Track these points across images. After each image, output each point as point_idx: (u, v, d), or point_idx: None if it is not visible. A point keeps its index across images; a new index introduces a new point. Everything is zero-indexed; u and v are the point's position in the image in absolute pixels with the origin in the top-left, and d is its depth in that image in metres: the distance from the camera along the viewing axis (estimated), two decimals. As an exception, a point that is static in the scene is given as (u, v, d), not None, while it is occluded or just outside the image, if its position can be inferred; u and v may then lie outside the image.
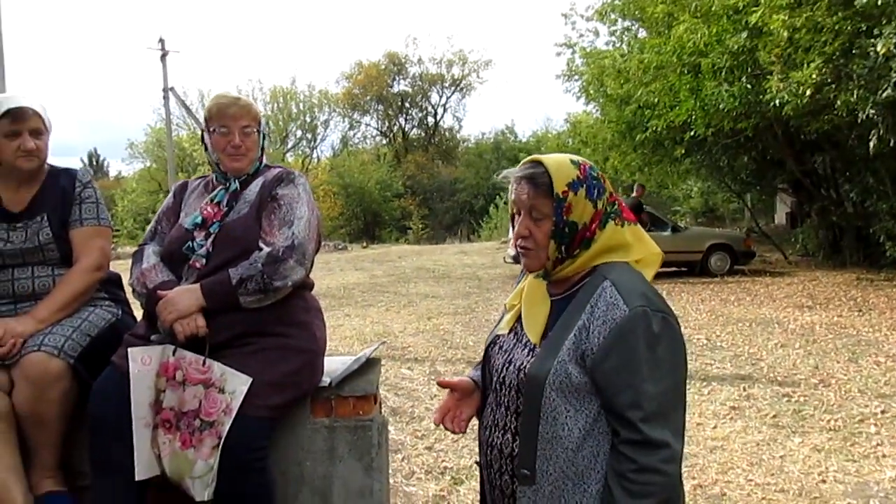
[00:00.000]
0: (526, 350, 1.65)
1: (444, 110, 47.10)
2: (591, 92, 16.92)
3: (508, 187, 1.67)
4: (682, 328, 1.62)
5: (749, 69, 11.50)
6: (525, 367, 1.60)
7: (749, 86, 11.28)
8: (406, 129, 47.41)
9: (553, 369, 1.54)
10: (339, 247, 26.49)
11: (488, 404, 1.75)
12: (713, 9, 11.12)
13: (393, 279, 15.04)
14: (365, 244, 29.28)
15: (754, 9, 10.01)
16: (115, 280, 2.68)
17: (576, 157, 1.66)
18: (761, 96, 10.77)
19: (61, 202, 2.51)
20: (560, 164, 1.61)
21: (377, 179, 36.53)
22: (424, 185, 39.62)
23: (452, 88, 46.13)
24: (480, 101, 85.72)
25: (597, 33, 17.28)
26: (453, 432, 1.85)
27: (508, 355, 1.69)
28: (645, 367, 1.48)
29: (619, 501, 1.47)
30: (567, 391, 1.54)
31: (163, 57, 27.02)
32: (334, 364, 2.60)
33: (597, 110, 18.73)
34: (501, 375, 1.69)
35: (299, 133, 44.48)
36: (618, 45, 16.39)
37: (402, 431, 5.09)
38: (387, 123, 47.60)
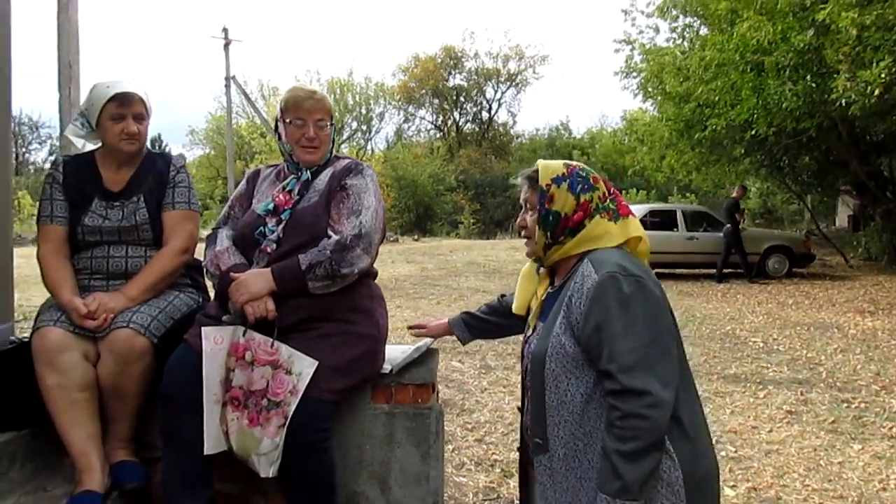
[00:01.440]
0: (534, 338, 1.88)
1: (499, 105, 46.97)
2: (650, 89, 16.67)
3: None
4: (738, 330, 1.69)
5: (814, 68, 11.21)
6: (531, 350, 1.84)
7: (814, 85, 11.01)
8: (460, 123, 47.41)
9: (550, 343, 1.75)
10: (391, 239, 26.66)
11: (522, 393, 2.01)
12: (779, 6, 10.88)
13: (444, 273, 15.10)
14: (416, 237, 29.41)
15: (822, 6, 9.76)
16: (198, 267, 2.77)
17: (574, 163, 1.90)
18: (826, 95, 10.51)
19: (157, 185, 2.62)
20: (551, 163, 1.87)
21: (430, 173, 36.60)
22: (477, 179, 39.53)
23: (508, 83, 45.97)
24: (535, 97, 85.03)
25: (657, 30, 17.01)
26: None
27: (528, 350, 1.92)
28: (618, 324, 1.64)
29: (610, 446, 1.62)
30: (565, 361, 1.73)
31: (226, 46, 27.46)
32: (394, 352, 2.66)
33: (654, 108, 18.45)
34: (525, 365, 1.92)
35: (354, 125, 44.83)
36: (678, 42, 16.10)
37: (453, 423, 5.13)
38: (441, 117, 47.67)
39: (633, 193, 30.89)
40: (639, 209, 15.66)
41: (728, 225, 13.87)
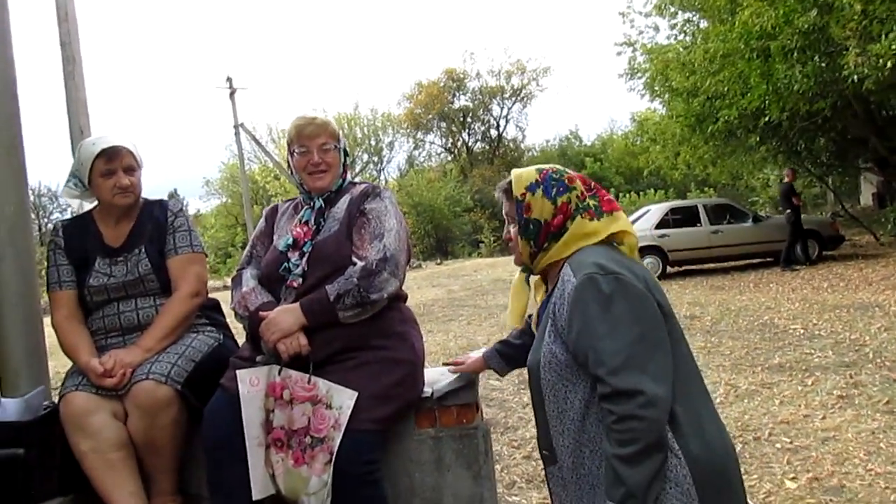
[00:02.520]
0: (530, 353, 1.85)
1: (507, 121, 47.03)
2: (656, 88, 16.62)
3: None
4: (776, 319, 1.63)
5: (822, 47, 11.11)
6: (527, 363, 1.83)
7: (823, 64, 10.92)
8: (470, 143, 47.53)
9: (543, 353, 1.74)
10: (414, 265, 26.66)
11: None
12: (778, -11, 10.80)
13: (471, 293, 15.04)
14: (439, 261, 29.40)
15: (822, -15, 9.69)
16: (214, 305, 2.75)
17: (548, 166, 1.88)
18: (837, 74, 10.40)
19: (156, 233, 2.60)
20: (523, 172, 1.85)
21: (445, 195, 36.68)
22: (492, 197, 39.45)
23: (513, 99, 46.07)
24: (542, 109, 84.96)
25: (657, 28, 17.00)
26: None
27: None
28: (601, 326, 1.60)
29: (609, 452, 1.58)
30: (559, 369, 1.71)
31: (231, 95, 27.87)
32: (433, 375, 2.61)
33: (663, 106, 18.38)
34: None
35: (365, 157, 45.11)
36: (680, 37, 16.08)
37: (498, 442, 5.05)
38: (450, 140, 47.84)
39: (651, 194, 30.70)
40: (659, 208, 15.55)
41: (788, 210, 13.67)
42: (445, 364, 2.55)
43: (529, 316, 2.09)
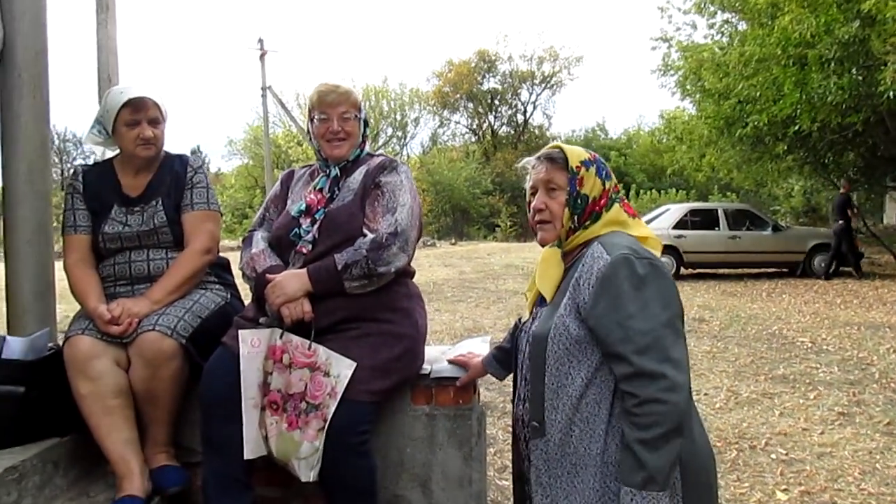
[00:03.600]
0: (535, 322, 1.84)
1: (534, 107, 46.62)
2: (688, 87, 16.40)
3: (526, 178, 1.89)
4: (784, 330, 1.63)
5: (860, 60, 10.94)
6: (532, 331, 1.80)
7: (860, 78, 10.74)
8: (495, 126, 47.24)
9: (553, 324, 1.72)
10: (428, 243, 26.65)
11: (514, 384, 1.95)
12: (821, -3, 10.62)
13: (482, 275, 15.02)
14: (453, 241, 29.37)
15: (867, -4, 9.50)
16: (224, 264, 2.76)
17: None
18: (873, 88, 10.23)
19: (175, 187, 2.61)
20: (574, 147, 1.85)
21: (466, 176, 36.55)
22: (513, 182, 39.28)
23: (543, 85, 45.65)
24: (571, 99, 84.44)
25: (694, 26, 16.76)
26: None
27: (526, 335, 1.87)
28: (632, 305, 1.60)
29: (630, 436, 1.58)
30: (568, 343, 1.69)
31: (261, 56, 27.85)
32: (433, 353, 2.61)
33: (693, 106, 18.16)
34: (521, 352, 1.88)
35: (390, 131, 44.99)
36: (717, 38, 15.83)
37: (494, 426, 5.06)
38: (476, 121, 47.55)
39: (673, 193, 30.44)
40: (679, 208, 15.42)
41: (840, 221, 13.58)
42: (450, 362, 2.54)
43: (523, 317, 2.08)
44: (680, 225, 14.21)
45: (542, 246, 1.90)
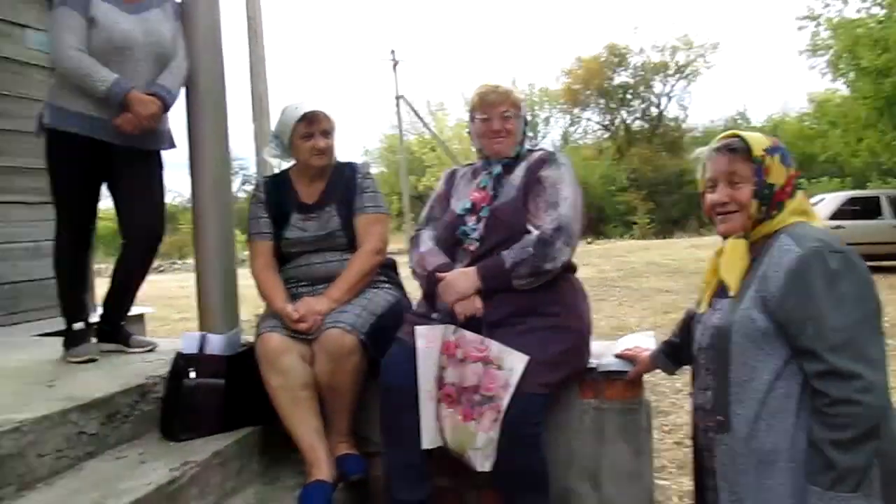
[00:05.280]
0: (714, 314, 1.79)
1: (669, 99, 45.31)
2: (841, 66, 15.39)
3: (701, 169, 1.84)
4: None
5: None
6: (715, 323, 1.75)
7: None
8: (628, 121, 46.24)
9: (739, 317, 1.67)
10: (564, 243, 26.39)
11: (694, 374, 1.92)
12: None
13: (622, 274, 14.75)
14: (590, 240, 28.97)
15: None
16: (392, 265, 2.92)
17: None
18: None
19: (347, 192, 2.79)
20: (754, 134, 1.78)
21: (600, 174, 36.07)
22: (649, 178, 38.31)
23: (677, 76, 44.27)
24: (708, 88, 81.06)
25: (845, 1, 15.68)
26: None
27: (705, 326, 1.82)
28: (826, 301, 1.54)
29: (819, 436, 1.53)
30: (753, 336, 1.64)
31: (394, 67, 28.69)
32: (598, 348, 2.62)
33: (847, 87, 16.98)
34: (700, 343, 1.84)
35: (521, 132, 45.02)
36: (872, 11, 14.74)
37: (649, 424, 4.97)
38: (608, 117, 46.76)
39: (826, 182, 28.59)
40: (835, 197, 14.50)
41: None
42: (618, 356, 2.54)
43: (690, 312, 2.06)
44: (837, 215, 13.32)
45: (725, 238, 1.82)
